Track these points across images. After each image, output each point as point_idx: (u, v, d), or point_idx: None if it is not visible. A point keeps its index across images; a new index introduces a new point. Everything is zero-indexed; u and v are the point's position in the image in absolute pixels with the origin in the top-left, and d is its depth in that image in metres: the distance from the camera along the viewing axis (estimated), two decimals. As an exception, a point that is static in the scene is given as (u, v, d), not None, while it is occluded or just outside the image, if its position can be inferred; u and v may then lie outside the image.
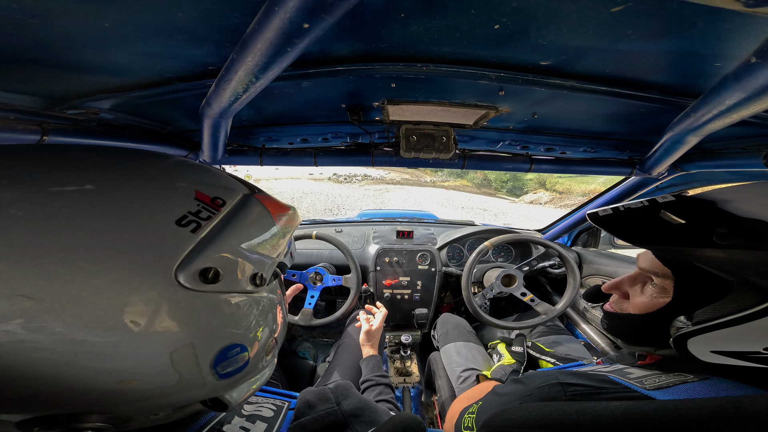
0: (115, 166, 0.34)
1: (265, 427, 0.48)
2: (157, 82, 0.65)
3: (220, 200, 0.37)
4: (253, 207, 0.42)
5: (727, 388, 0.40)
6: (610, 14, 0.43)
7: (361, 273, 1.52)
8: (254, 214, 0.41)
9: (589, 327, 1.64)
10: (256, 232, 0.40)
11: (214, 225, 0.35)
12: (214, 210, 0.36)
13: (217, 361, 0.34)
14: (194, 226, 0.33)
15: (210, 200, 0.36)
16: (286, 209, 0.48)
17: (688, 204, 0.43)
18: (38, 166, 0.30)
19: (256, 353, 0.40)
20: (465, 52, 0.57)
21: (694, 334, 0.44)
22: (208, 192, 0.37)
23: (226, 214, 0.37)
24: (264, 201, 0.44)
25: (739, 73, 0.48)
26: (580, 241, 1.96)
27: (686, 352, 0.45)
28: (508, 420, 0.44)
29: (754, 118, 0.64)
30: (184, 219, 0.33)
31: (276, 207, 0.45)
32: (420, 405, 1.48)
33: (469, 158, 1.10)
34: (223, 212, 0.37)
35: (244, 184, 0.45)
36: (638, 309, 0.52)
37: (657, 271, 0.49)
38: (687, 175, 1.12)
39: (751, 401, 0.32)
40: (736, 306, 0.40)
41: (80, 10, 0.40)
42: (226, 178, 0.42)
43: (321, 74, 0.62)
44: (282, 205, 0.48)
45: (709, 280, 0.43)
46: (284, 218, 0.46)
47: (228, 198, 0.39)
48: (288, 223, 0.47)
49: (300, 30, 0.39)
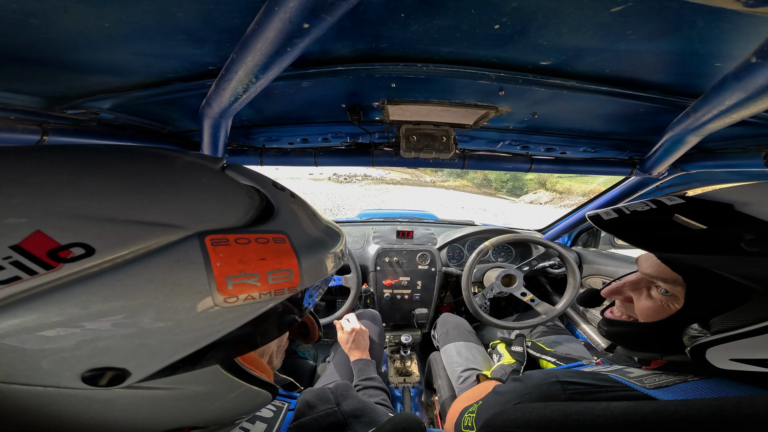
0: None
1: (265, 427, 0.48)
2: (157, 82, 0.65)
3: (78, 249, 0.24)
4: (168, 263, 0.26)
5: (727, 388, 0.40)
6: (610, 14, 0.43)
7: (361, 273, 1.52)
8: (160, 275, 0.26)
9: (589, 327, 1.64)
10: (131, 305, 0.25)
11: (19, 292, 0.22)
12: (40, 267, 0.23)
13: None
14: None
15: (47, 252, 0.23)
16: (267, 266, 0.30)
17: (704, 207, 0.41)
18: None
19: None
20: (465, 52, 0.57)
21: (714, 343, 0.41)
22: (63, 235, 0.24)
23: (82, 272, 0.24)
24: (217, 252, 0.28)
25: (739, 73, 0.48)
26: (580, 241, 1.96)
27: (703, 361, 0.42)
28: (508, 420, 0.44)
29: (754, 118, 0.64)
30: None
31: (235, 265, 0.28)
32: (420, 405, 1.48)
33: (469, 158, 1.10)
34: (70, 271, 0.24)
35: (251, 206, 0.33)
36: (645, 316, 0.49)
37: (666, 278, 0.46)
38: (687, 175, 1.12)
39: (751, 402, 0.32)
40: (760, 314, 0.37)
41: (80, 10, 0.40)
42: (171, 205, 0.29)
43: (321, 74, 0.62)
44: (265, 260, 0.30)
45: (726, 287, 0.40)
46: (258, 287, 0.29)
47: (114, 244, 0.25)
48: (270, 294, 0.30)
49: (300, 30, 0.39)
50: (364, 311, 1.45)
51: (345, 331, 1.16)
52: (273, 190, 0.38)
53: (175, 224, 0.28)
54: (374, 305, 1.85)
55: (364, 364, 1.04)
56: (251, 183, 0.37)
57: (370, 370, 1.01)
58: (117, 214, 0.26)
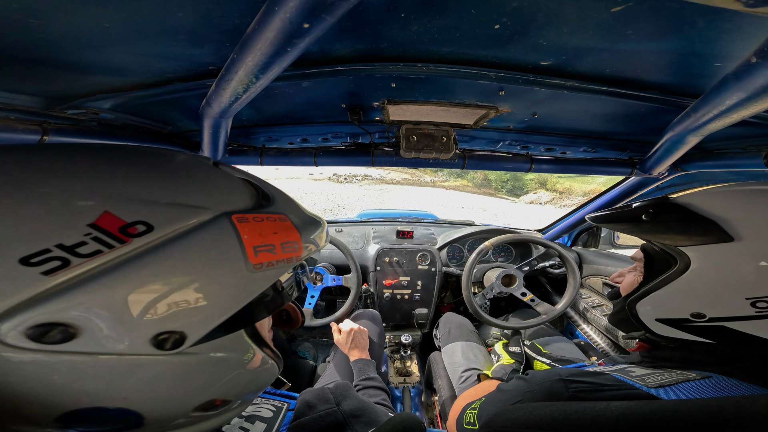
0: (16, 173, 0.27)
1: (265, 427, 0.48)
2: (158, 82, 0.65)
3: (141, 226, 0.28)
4: (209, 237, 0.31)
5: (729, 387, 0.41)
6: (610, 14, 0.43)
7: (361, 273, 1.52)
8: (204, 247, 0.31)
9: (589, 327, 1.64)
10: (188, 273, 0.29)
11: (104, 263, 0.26)
12: (116, 242, 0.27)
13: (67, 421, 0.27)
14: (54, 265, 0.25)
15: (118, 228, 0.27)
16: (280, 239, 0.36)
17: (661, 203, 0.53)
18: None
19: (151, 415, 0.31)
20: (465, 52, 0.57)
21: (637, 299, 0.54)
22: (127, 215, 0.28)
23: (148, 245, 0.28)
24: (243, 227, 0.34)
25: (739, 73, 0.48)
26: (580, 241, 1.96)
27: (639, 321, 0.55)
28: (509, 420, 0.44)
29: (754, 118, 0.64)
30: (37, 256, 0.24)
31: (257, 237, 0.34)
32: (420, 405, 1.48)
33: (469, 158, 1.10)
34: (139, 244, 0.28)
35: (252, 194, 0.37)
36: (624, 291, 0.60)
37: (636, 257, 0.61)
38: (687, 175, 1.12)
39: (751, 401, 0.32)
40: (657, 272, 0.52)
41: (81, 10, 0.40)
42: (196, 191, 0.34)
43: (321, 74, 0.62)
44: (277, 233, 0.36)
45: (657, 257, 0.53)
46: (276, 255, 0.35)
47: (166, 222, 0.29)
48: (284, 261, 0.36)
49: (300, 30, 0.39)
50: (364, 311, 1.45)
51: (343, 332, 1.17)
52: (263, 182, 0.43)
53: (204, 206, 0.33)
54: (374, 305, 1.85)
55: (364, 363, 1.03)
56: (242, 176, 0.42)
57: (370, 369, 1.01)
58: (159, 198, 0.31)
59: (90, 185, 0.29)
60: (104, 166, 0.31)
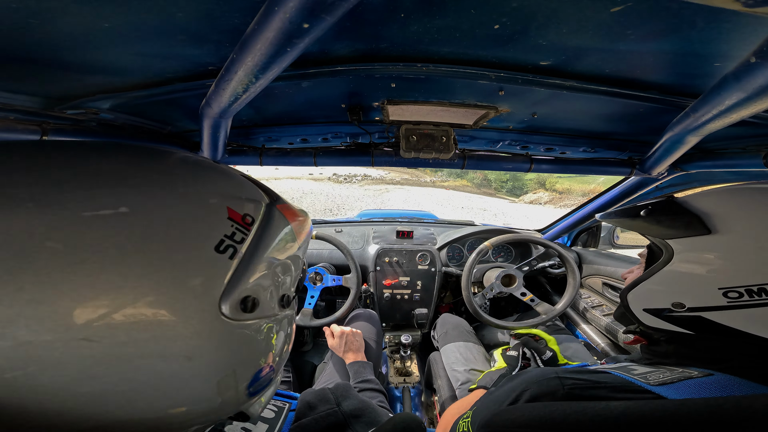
0: (143, 177, 0.30)
1: (267, 428, 0.48)
2: (157, 82, 0.65)
3: (249, 217, 0.35)
4: (276, 221, 0.39)
5: (731, 385, 0.40)
6: (610, 14, 0.43)
7: (361, 273, 1.51)
8: (278, 230, 0.38)
9: (589, 327, 1.64)
10: (281, 251, 0.38)
11: (246, 248, 0.33)
12: (245, 230, 0.34)
13: (252, 383, 0.35)
14: (231, 251, 0.31)
15: (241, 219, 0.34)
16: (299, 216, 0.44)
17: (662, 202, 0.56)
18: (59, 179, 0.26)
19: (279, 368, 0.41)
20: (465, 52, 0.57)
21: (629, 289, 0.58)
22: (238, 208, 0.34)
23: (255, 233, 0.35)
24: (283, 210, 0.41)
25: (738, 73, 0.48)
26: (580, 241, 1.96)
27: (631, 312, 0.58)
28: (508, 420, 0.44)
29: (754, 118, 0.64)
30: (221, 244, 0.31)
31: (292, 215, 0.42)
32: (420, 405, 1.48)
33: (469, 158, 1.10)
34: (253, 232, 0.35)
35: (261, 190, 0.42)
36: (627, 284, 0.62)
37: (642, 254, 0.64)
38: (687, 175, 1.12)
39: (751, 401, 0.32)
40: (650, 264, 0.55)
41: (80, 10, 0.40)
42: (248, 187, 0.40)
43: (321, 74, 0.62)
44: (295, 211, 0.44)
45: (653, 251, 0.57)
46: (302, 229, 0.44)
47: (255, 214, 0.36)
48: (304, 233, 0.45)
49: (300, 30, 0.39)
50: (361, 312, 1.45)
51: (335, 336, 1.16)
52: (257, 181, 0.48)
53: (258, 199, 0.39)
54: (374, 305, 1.85)
55: (360, 366, 1.03)
56: None
57: (366, 371, 1.00)
58: (235, 193, 0.36)
59: (206, 186, 0.34)
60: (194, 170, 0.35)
